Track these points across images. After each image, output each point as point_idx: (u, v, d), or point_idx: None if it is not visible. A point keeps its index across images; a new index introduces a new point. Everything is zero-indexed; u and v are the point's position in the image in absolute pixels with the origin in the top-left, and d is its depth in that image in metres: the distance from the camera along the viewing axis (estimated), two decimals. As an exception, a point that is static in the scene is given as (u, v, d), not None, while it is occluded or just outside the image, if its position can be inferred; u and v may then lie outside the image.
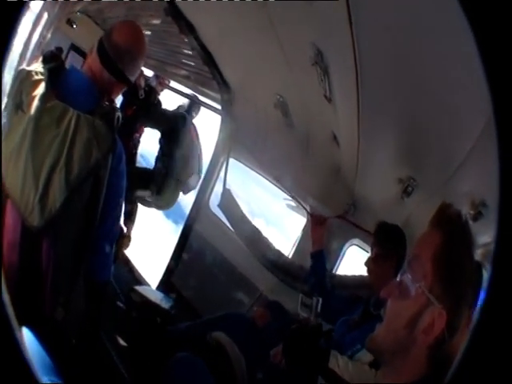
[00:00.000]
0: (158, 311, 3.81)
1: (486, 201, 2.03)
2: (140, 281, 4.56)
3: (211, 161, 4.69)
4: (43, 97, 2.20)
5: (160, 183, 5.15)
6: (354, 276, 3.55)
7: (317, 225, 3.71)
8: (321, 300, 3.01)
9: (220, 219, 4.46)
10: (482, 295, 1.00)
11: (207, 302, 4.09)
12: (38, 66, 2.29)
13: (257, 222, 4.33)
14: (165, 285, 4.44)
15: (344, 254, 3.70)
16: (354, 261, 3.66)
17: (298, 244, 4.08)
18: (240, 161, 4.48)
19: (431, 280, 1.26)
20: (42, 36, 2.51)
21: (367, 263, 3.03)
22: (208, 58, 3.80)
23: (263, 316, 3.46)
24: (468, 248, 1.30)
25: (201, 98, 4.84)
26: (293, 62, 3.01)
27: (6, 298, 1.06)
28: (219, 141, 4.60)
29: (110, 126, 2.31)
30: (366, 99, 2.48)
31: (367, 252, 3.21)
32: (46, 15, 2.45)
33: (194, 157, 5.15)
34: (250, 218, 4.34)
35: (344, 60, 2.31)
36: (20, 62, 2.42)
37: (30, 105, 2.18)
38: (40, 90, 2.21)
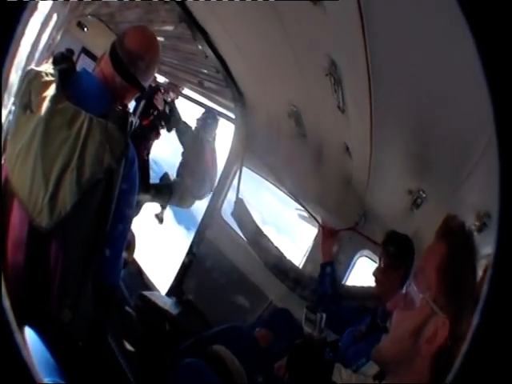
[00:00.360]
0: (166, 317, 3.82)
1: (490, 212, 2.02)
2: (149, 286, 4.57)
3: (224, 169, 4.70)
4: (54, 98, 2.19)
5: (180, 194, 5.34)
6: (363, 287, 3.53)
7: (328, 237, 3.72)
8: (325, 316, 3.01)
9: (232, 228, 4.47)
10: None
11: (216, 309, 4.09)
12: (48, 67, 2.28)
13: (268, 231, 4.33)
14: (174, 291, 4.45)
15: (354, 265, 3.69)
16: (364, 272, 3.64)
17: (309, 254, 4.07)
18: (252, 169, 4.48)
19: (435, 291, 1.27)
20: (51, 37, 2.51)
21: (375, 273, 3.03)
22: (222, 66, 3.82)
23: (265, 337, 3.44)
24: (471, 259, 1.30)
25: (214, 106, 4.87)
26: (307, 72, 3.02)
27: (6, 302, 1.06)
28: (232, 149, 4.61)
29: (123, 130, 2.29)
30: (379, 111, 2.49)
31: (377, 264, 3.20)
32: (55, 16, 2.45)
33: (210, 180, 5.30)
34: (261, 226, 4.34)
35: (357, 71, 2.32)
36: (28, 63, 2.40)
37: (39, 105, 2.17)
38: (50, 91, 2.20)
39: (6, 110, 2.24)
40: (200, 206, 5.25)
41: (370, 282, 3.20)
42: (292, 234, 4.67)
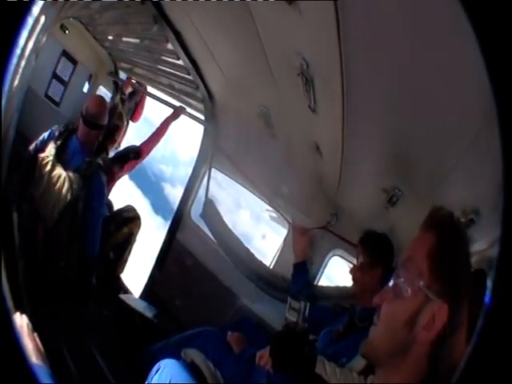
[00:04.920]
0: (141, 320, 3.78)
1: (479, 208, 2.04)
2: (124, 289, 4.52)
3: (193, 171, 4.66)
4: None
5: None
6: (337, 286, 3.55)
7: (299, 236, 3.72)
8: (309, 304, 3.00)
9: (202, 229, 4.44)
10: (486, 299, 1.00)
11: (189, 311, 4.06)
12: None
13: (239, 228, 4.33)
14: (147, 294, 4.41)
15: (326, 264, 3.70)
16: (336, 271, 3.66)
17: (280, 254, 4.07)
18: (222, 171, 4.47)
19: (428, 277, 1.28)
20: (37, 40, 2.60)
21: (352, 271, 3.03)
22: (193, 67, 3.80)
23: (239, 342, 3.38)
24: (463, 244, 1.32)
25: (184, 106, 4.80)
26: (278, 72, 3.01)
27: (9, 300, 1.05)
28: (201, 151, 4.58)
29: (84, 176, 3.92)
30: (351, 109, 2.49)
31: (350, 262, 3.21)
32: (43, 19, 2.48)
33: None
34: (232, 228, 4.34)
35: (330, 70, 2.31)
36: (16, 71, 2.60)
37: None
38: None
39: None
40: (170, 208, 5.17)
41: (343, 281, 3.22)
42: (263, 234, 4.66)
